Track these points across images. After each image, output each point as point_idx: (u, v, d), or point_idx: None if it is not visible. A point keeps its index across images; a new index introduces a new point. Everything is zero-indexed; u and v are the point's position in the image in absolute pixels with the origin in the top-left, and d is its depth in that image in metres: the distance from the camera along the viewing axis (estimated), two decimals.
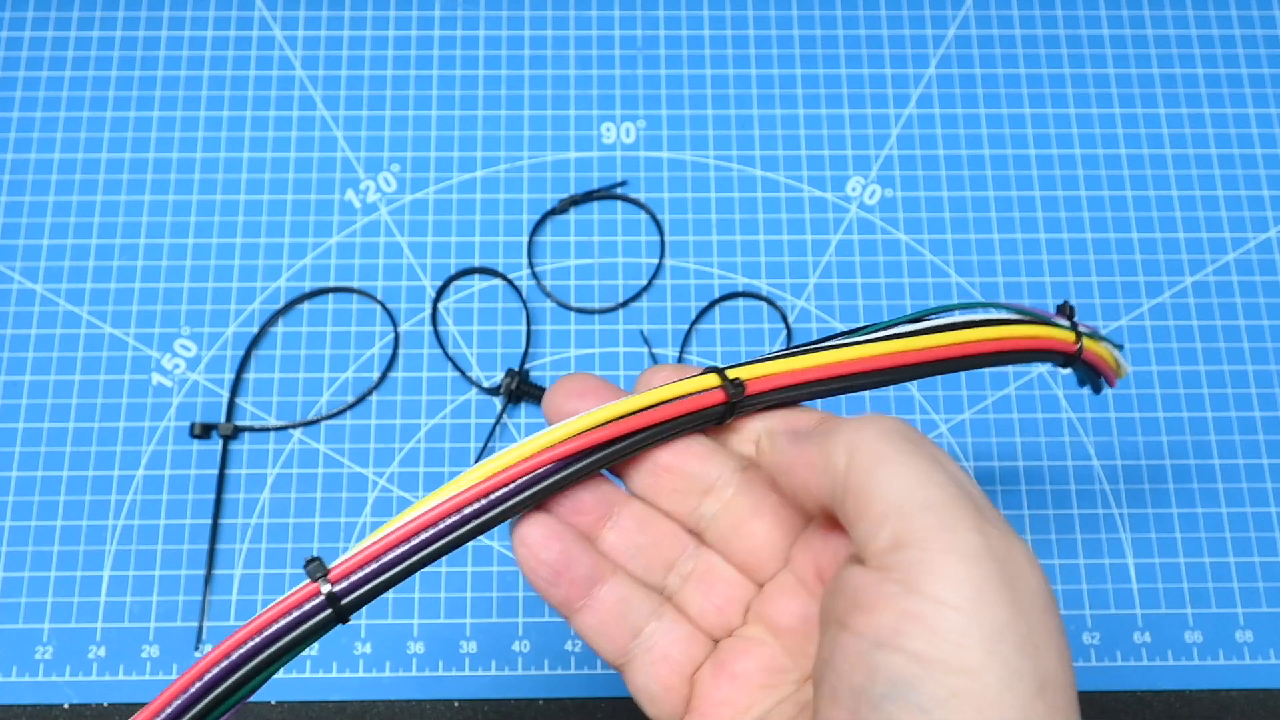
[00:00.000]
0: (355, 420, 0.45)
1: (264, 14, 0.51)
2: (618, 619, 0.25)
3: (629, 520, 0.25)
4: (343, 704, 0.42)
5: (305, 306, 0.47)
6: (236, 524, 0.44)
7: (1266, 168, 0.49)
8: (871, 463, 0.20)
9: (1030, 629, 0.18)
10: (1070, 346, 0.28)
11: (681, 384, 0.24)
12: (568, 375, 0.25)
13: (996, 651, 0.18)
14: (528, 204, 0.48)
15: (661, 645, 0.25)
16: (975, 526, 0.19)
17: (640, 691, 0.25)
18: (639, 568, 0.25)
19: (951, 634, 0.18)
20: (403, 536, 0.23)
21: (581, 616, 0.25)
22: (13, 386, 0.45)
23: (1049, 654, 0.19)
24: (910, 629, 0.18)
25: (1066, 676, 0.19)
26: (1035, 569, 0.19)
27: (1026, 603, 0.19)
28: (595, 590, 0.24)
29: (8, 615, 0.42)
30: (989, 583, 0.18)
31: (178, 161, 0.49)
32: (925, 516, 0.19)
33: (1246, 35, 0.51)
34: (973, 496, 0.20)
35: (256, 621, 0.22)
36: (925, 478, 0.20)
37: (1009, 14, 0.52)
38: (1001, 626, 0.18)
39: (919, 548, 0.19)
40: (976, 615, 0.18)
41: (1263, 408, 0.46)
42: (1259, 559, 0.44)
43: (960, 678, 0.18)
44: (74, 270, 0.47)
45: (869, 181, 0.49)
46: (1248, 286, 0.48)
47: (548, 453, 0.23)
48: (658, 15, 0.51)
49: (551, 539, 0.24)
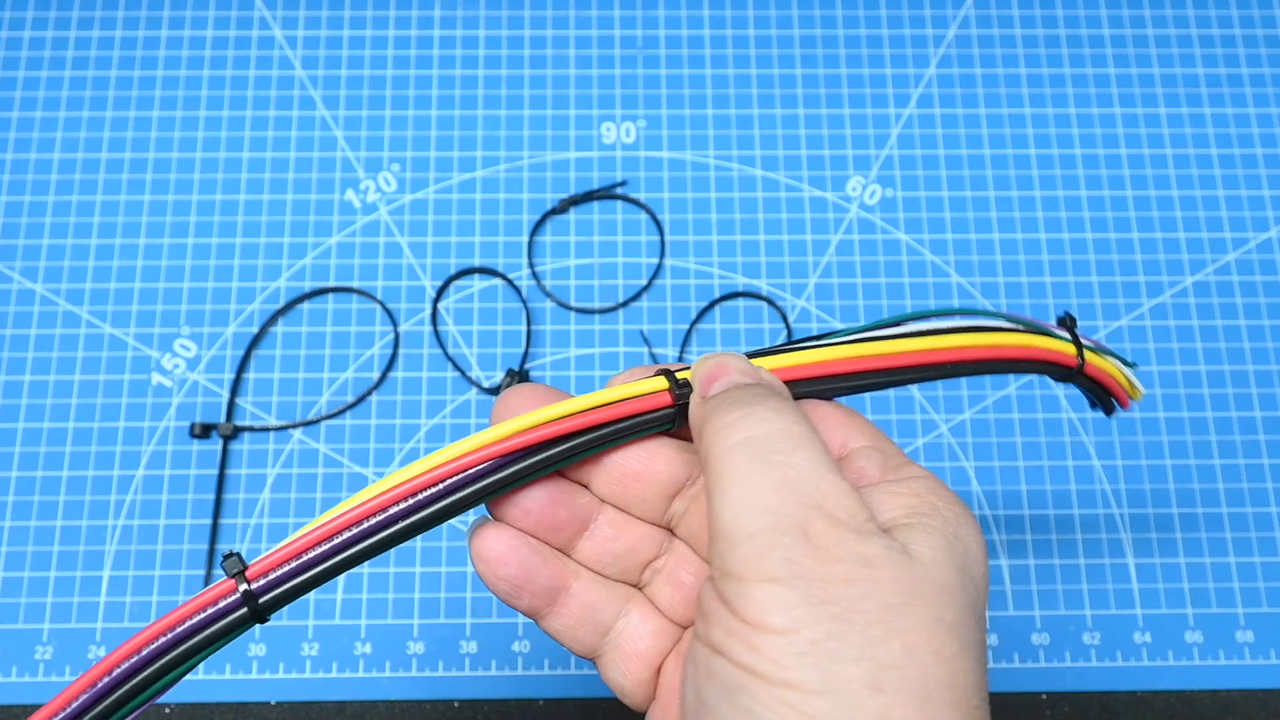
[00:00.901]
0: (355, 420, 0.45)
1: (264, 14, 0.51)
2: (585, 621, 0.25)
3: (605, 528, 0.25)
4: (343, 704, 0.42)
5: (305, 306, 0.47)
6: (236, 524, 0.44)
7: (1267, 167, 0.49)
8: (714, 479, 0.21)
9: (851, 633, 0.19)
10: (1069, 359, 0.26)
11: (628, 386, 0.24)
12: (515, 387, 0.25)
13: (812, 663, 0.19)
14: (528, 204, 0.48)
15: (630, 643, 0.25)
16: (785, 556, 0.20)
17: (612, 684, 0.26)
18: (616, 571, 0.26)
19: (769, 651, 0.19)
20: (325, 534, 0.22)
21: (548, 621, 0.25)
22: (13, 386, 0.45)
23: (886, 650, 0.19)
24: (733, 643, 0.20)
25: (918, 667, 0.19)
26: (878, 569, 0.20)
27: (853, 608, 0.19)
28: (560, 597, 0.25)
29: (8, 615, 0.42)
30: (799, 605, 0.19)
31: (178, 161, 0.49)
32: (745, 548, 0.20)
33: (1247, 35, 0.51)
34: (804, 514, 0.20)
35: (167, 618, 0.21)
36: (751, 503, 0.21)
37: (1009, 14, 0.52)
38: (811, 642, 0.19)
39: (738, 579, 0.20)
40: (788, 634, 0.19)
41: (1263, 408, 0.46)
42: (1259, 559, 0.44)
43: (782, 689, 0.19)
44: (74, 270, 0.47)
45: (869, 181, 0.49)
46: (1248, 286, 0.48)
47: (485, 451, 0.23)
48: (658, 15, 0.51)
49: (510, 554, 0.24)
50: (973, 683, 0.20)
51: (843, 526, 0.20)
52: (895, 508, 0.22)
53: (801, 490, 0.21)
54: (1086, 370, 0.27)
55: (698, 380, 0.24)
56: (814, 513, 0.20)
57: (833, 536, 0.20)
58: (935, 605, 0.20)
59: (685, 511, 0.25)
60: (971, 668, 0.20)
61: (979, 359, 0.25)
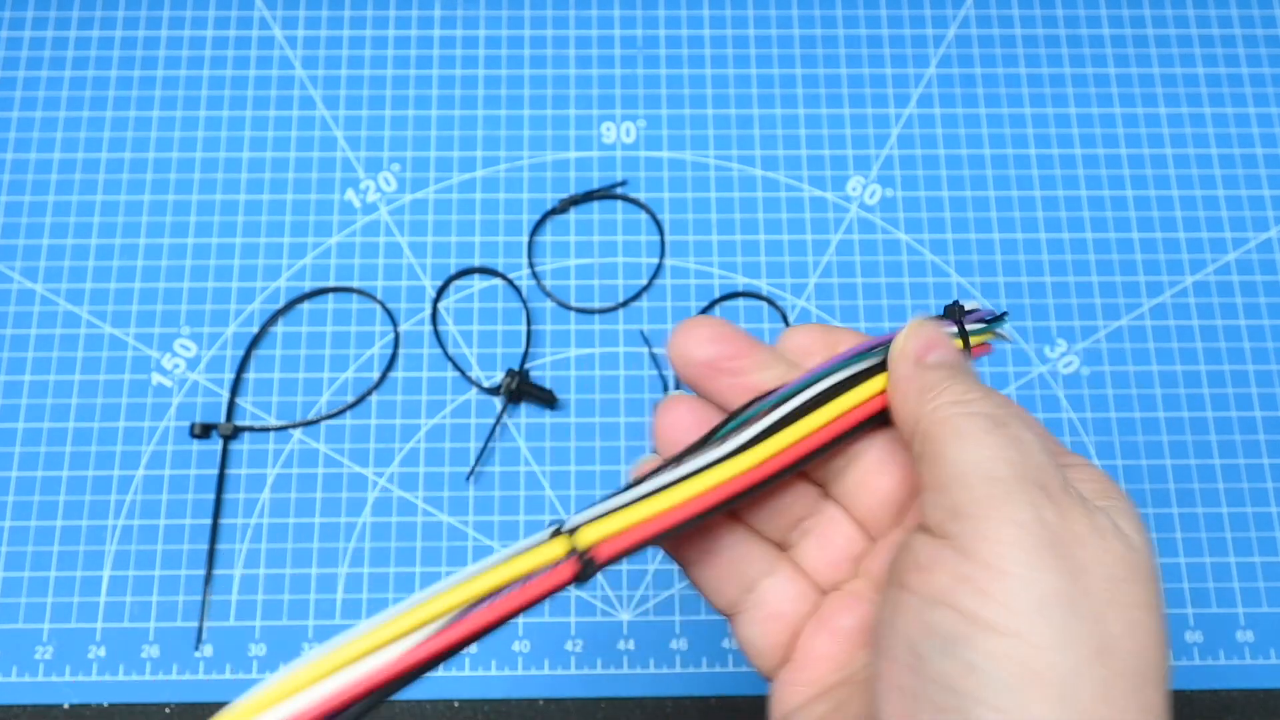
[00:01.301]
0: (355, 420, 0.45)
1: (264, 14, 0.51)
2: (732, 575, 0.25)
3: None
4: None
5: (305, 306, 0.47)
6: (236, 524, 0.44)
7: (1267, 167, 0.49)
8: (949, 435, 0.21)
9: (1088, 595, 0.19)
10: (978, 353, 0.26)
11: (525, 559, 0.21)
12: (694, 319, 0.24)
13: (1046, 615, 0.19)
14: (528, 204, 0.48)
15: (773, 602, 0.25)
16: (1030, 501, 0.20)
17: (746, 643, 0.25)
18: (767, 527, 0.25)
19: (1000, 596, 0.19)
20: None
21: (696, 569, 0.25)
22: (13, 386, 0.45)
23: (1113, 621, 0.19)
24: (962, 589, 0.19)
25: (1137, 644, 0.19)
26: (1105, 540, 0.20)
27: (1085, 571, 0.19)
28: (711, 544, 0.25)
29: (8, 615, 0.42)
30: (1040, 550, 0.19)
31: (178, 161, 0.49)
32: (984, 489, 0.20)
33: (1247, 35, 0.51)
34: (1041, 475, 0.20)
35: None
36: (993, 454, 0.21)
37: (1009, 14, 0.52)
38: (1051, 592, 0.19)
39: (976, 518, 0.20)
40: (1026, 580, 0.19)
41: (1263, 408, 0.46)
42: (1259, 559, 0.44)
43: (1009, 639, 0.19)
44: (74, 270, 0.47)
45: (869, 181, 0.49)
46: (1248, 286, 0.48)
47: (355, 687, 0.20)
48: (658, 15, 0.51)
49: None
50: (1168, 667, 0.20)
51: (1070, 494, 0.20)
52: (1088, 493, 0.22)
53: (1036, 457, 0.21)
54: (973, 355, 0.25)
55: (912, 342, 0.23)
56: (1052, 477, 0.20)
57: (1067, 501, 0.20)
58: (1151, 587, 0.20)
59: (844, 470, 0.25)
60: (1167, 653, 0.20)
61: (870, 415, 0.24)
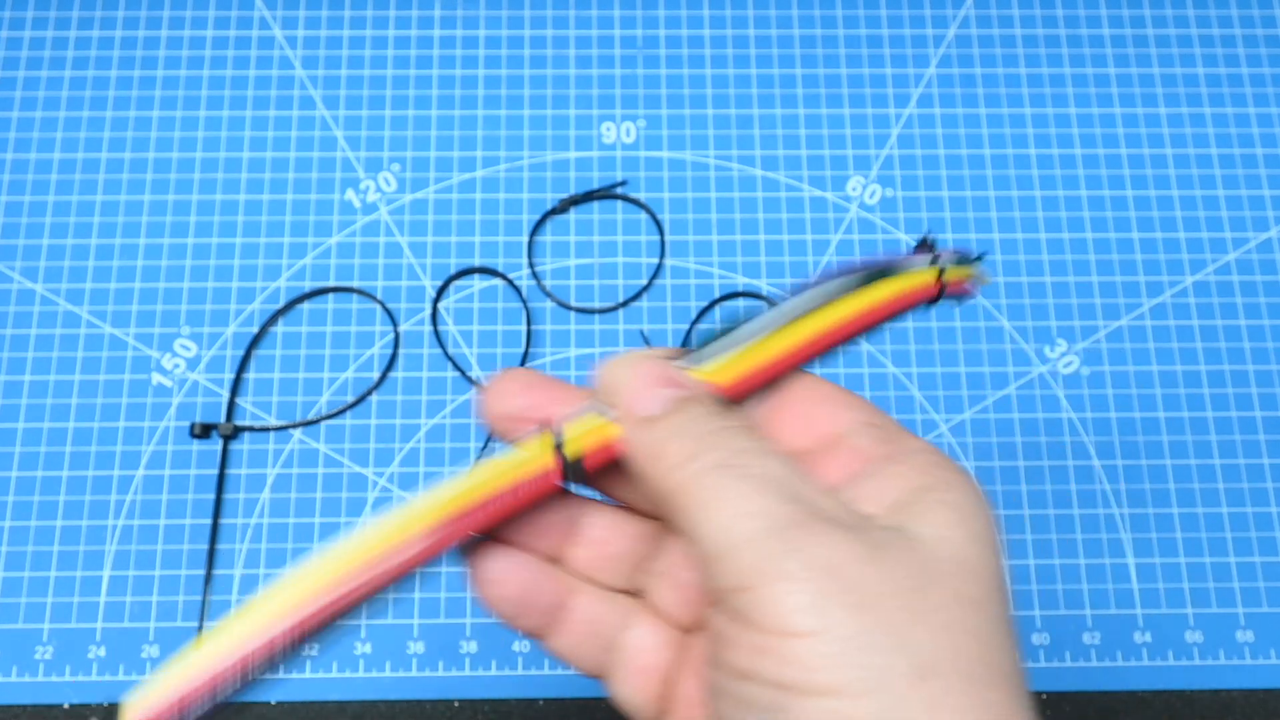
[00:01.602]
0: (355, 420, 0.45)
1: (264, 14, 0.51)
2: (590, 638, 0.24)
3: (598, 531, 0.24)
4: (343, 704, 0.42)
5: (305, 306, 0.47)
6: (236, 524, 0.44)
7: (1267, 167, 0.49)
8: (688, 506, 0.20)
9: (885, 622, 0.18)
10: (932, 291, 0.25)
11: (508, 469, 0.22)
12: (505, 371, 0.23)
13: (850, 662, 0.18)
14: (528, 204, 0.48)
15: (639, 657, 0.24)
16: (793, 549, 0.19)
17: (623, 701, 0.24)
18: (610, 577, 0.24)
19: (801, 660, 0.18)
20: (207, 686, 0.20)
21: (552, 641, 0.24)
22: (13, 386, 0.45)
23: (921, 634, 0.18)
24: (762, 662, 0.18)
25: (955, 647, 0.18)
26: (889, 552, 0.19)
27: (875, 597, 0.18)
28: (562, 615, 0.24)
29: (8, 615, 0.42)
30: (821, 598, 0.18)
31: (178, 161, 0.49)
32: (745, 557, 0.19)
33: (1247, 35, 0.51)
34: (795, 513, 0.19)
35: None
36: (739, 510, 0.19)
37: (1009, 14, 0.52)
38: (846, 637, 0.18)
39: (749, 589, 0.19)
40: (818, 636, 0.18)
41: (1263, 408, 0.46)
42: (1260, 559, 0.44)
43: (822, 698, 0.18)
44: (74, 270, 0.47)
45: (869, 181, 0.49)
46: (1248, 286, 0.48)
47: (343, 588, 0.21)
48: (658, 15, 0.51)
49: (510, 575, 0.23)
50: (1011, 658, 0.19)
51: (833, 519, 0.19)
52: (899, 488, 0.21)
53: (784, 490, 0.20)
54: (949, 291, 0.26)
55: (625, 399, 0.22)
56: (805, 507, 0.19)
57: (828, 528, 0.19)
58: (954, 583, 0.19)
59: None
60: (1007, 643, 0.19)
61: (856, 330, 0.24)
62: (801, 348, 0.23)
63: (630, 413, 0.22)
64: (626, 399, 0.22)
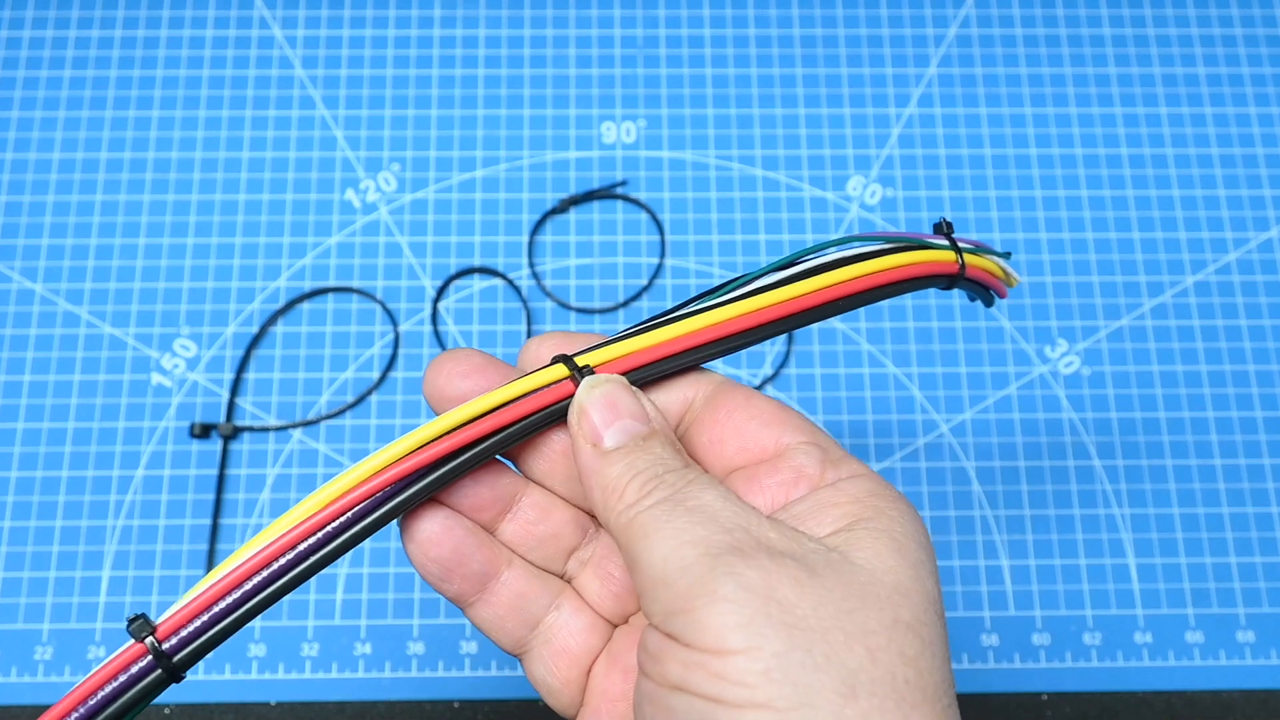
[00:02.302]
0: (355, 420, 0.45)
1: (264, 14, 0.51)
2: (515, 612, 0.24)
3: (530, 510, 0.25)
4: (343, 704, 0.42)
5: (305, 306, 0.47)
6: (236, 524, 0.44)
7: (1267, 167, 0.49)
8: (633, 539, 0.21)
9: (817, 643, 0.19)
10: (952, 266, 0.26)
11: (527, 379, 0.23)
12: (448, 352, 0.24)
13: (781, 678, 0.18)
14: (528, 204, 0.48)
15: (560, 638, 0.24)
16: (728, 572, 0.19)
17: (538, 683, 0.25)
18: (539, 557, 0.25)
19: (732, 674, 0.19)
20: (234, 583, 0.21)
21: (476, 610, 0.24)
22: (13, 386, 0.45)
23: (853, 656, 0.19)
24: (694, 676, 0.19)
25: (885, 670, 0.19)
26: (823, 577, 0.20)
27: (807, 619, 0.19)
28: (490, 584, 0.24)
29: (8, 615, 0.42)
30: (755, 618, 0.19)
31: (178, 161, 0.49)
32: (684, 579, 0.20)
33: (1247, 35, 0.51)
34: (732, 539, 0.20)
35: (79, 690, 0.20)
36: (680, 539, 0.20)
37: (1009, 14, 0.52)
38: (779, 653, 0.19)
39: (686, 612, 0.19)
40: (750, 653, 0.19)
41: (1263, 407, 0.46)
42: (1260, 559, 0.44)
43: (752, 711, 0.18)
44: (74, 270, 0.47)
45: (869, 181, 0.49)
46: (1248, 286, 0.48)
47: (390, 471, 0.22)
48: (658, 15, 0.51)
49: (443, 535, 0.23)
50: (940, 680, 0.20)
51: (772, 546, 0.20)
52: (837, 517, 0.22)
53: (723, 521, 0.20)
54: (968, 274, 0.26)
55: (585, 422, 0.23)
56: (742, 535, 0.20)
57: (767, 553, 0.20)
58: (890, 607, 0.20)
59: None
60: (938, 665, 0.20)
61: (862, 289, 0.24)
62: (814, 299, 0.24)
63: (590, 440, 0.22)
64: (590, 426, 0.23)
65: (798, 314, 0.24)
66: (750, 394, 0.25)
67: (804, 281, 0.24)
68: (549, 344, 0.25)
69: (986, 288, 0.27)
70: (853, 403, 0.46)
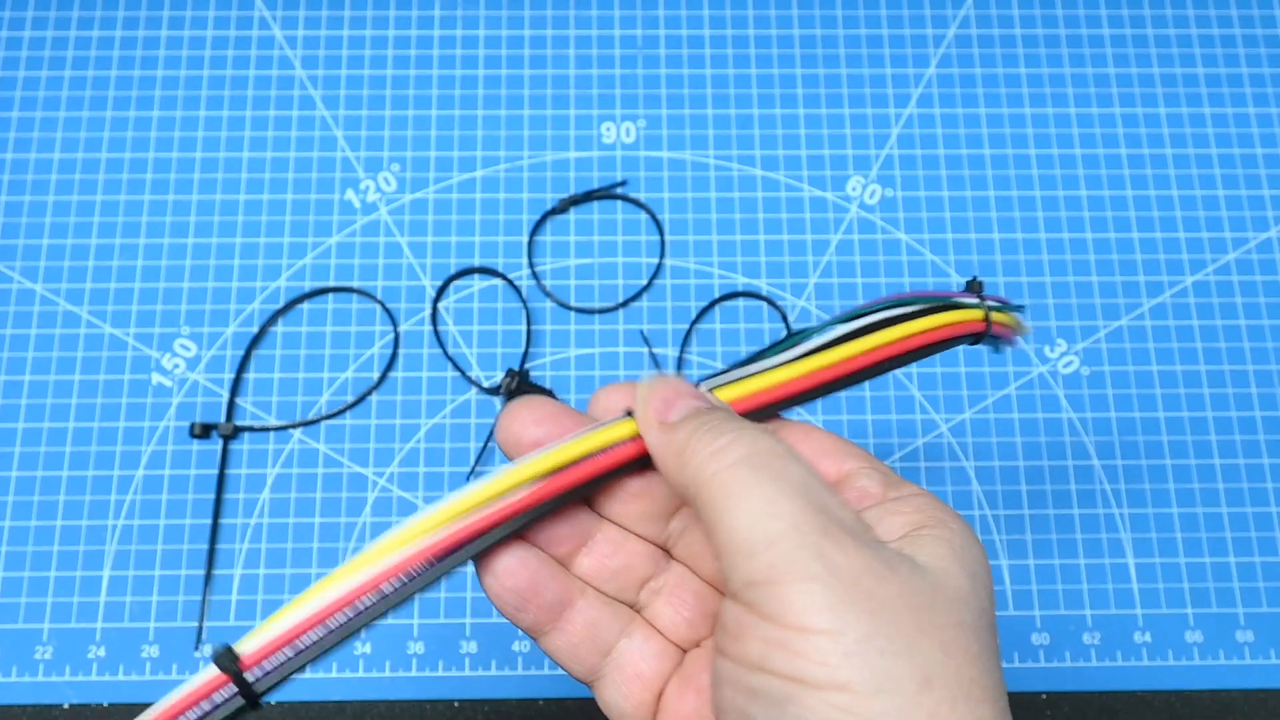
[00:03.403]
0: (355, 420, 0.45)
1: (264, 14, 0.51)
2: (588, 640, 0.25)
3: (604, 545, 0.25)
4: (343, 704, 0.42)
5: (305, 306, 0.47)
6: (236, 524, 0.44)
7: (1267, 167, 0.49)
8: (717, 496, 0.21)
9: (896, 631, 0.19)
10: (980, 326, 0.27)
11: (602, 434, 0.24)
12: (522, 399, 0.25)
13: (862, 661, 0.19)
14: (528, 204, 0.48)
15: (633, 663, 0.25)
16: (816, 552, 0.20)
17: (610, 708, 0.25)
18: (613, 589, 0.25)
19: (814, 655, 0.19)
20: (320, 618, 0.22)
21: (550, 639, 0.25)
22: (13, 386, 0.45)
23: (927, 649, 0.19)
24: (775, 654, 0.20)
25: (955, 664, 0.20)
26: (898, 572, 0.20)
27: (888, 607, 0.20)
28: (565, 614, 0.25)
29: (8, 615, 0.42)
30: (840, 599, 0.19)
31: (178, 161, 0.49)
32: (772, 552, 0.20)
33: (1247, 35, 0.51)
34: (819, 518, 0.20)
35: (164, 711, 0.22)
36: (767, 509, 0.20)
37: (1009, 14, 0.52)
38: (861, 637, 0.19)
39: (769, 583, 0.20)
40: (833, 634, 0.19)
41: (1263, 407, 0.46)
42: (1259, 559, 0.44)
43: (833, 693, 0.19)
44: (74, 270, 0.47)
45: (869, 181, 0.49)
46: (1248, 286, 0.48)
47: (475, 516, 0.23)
48: (658, 15, 0.51)
49: (518, 566, 0.24)
50: (999, 682, 0.20)
51: (853, 532, 0.21)
52: (901, 525, 0.22)
53: (811, 497, 0.21)
54: (994, 331, 0.28)
55: (649, 407, 0.23)
56: (829, 516, 0.21)
57: (850, 538, 0.20)
58: (955, 609, 0.20)
59: (683, 532, 0.25)
60: (995, 668, 0.21)
61: (900, 354, 0.26)
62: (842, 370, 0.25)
63: (652, 420, 0.23)
64: (651, 409, 0.23)
65: (849, 375, 0.25)
66: (809, 428, 0.26)
67: (855, 343, 0.25)
68: (618, 395, 0.25)
69: (1004, 339, 0.29)
70: (852, 403, 0.46)
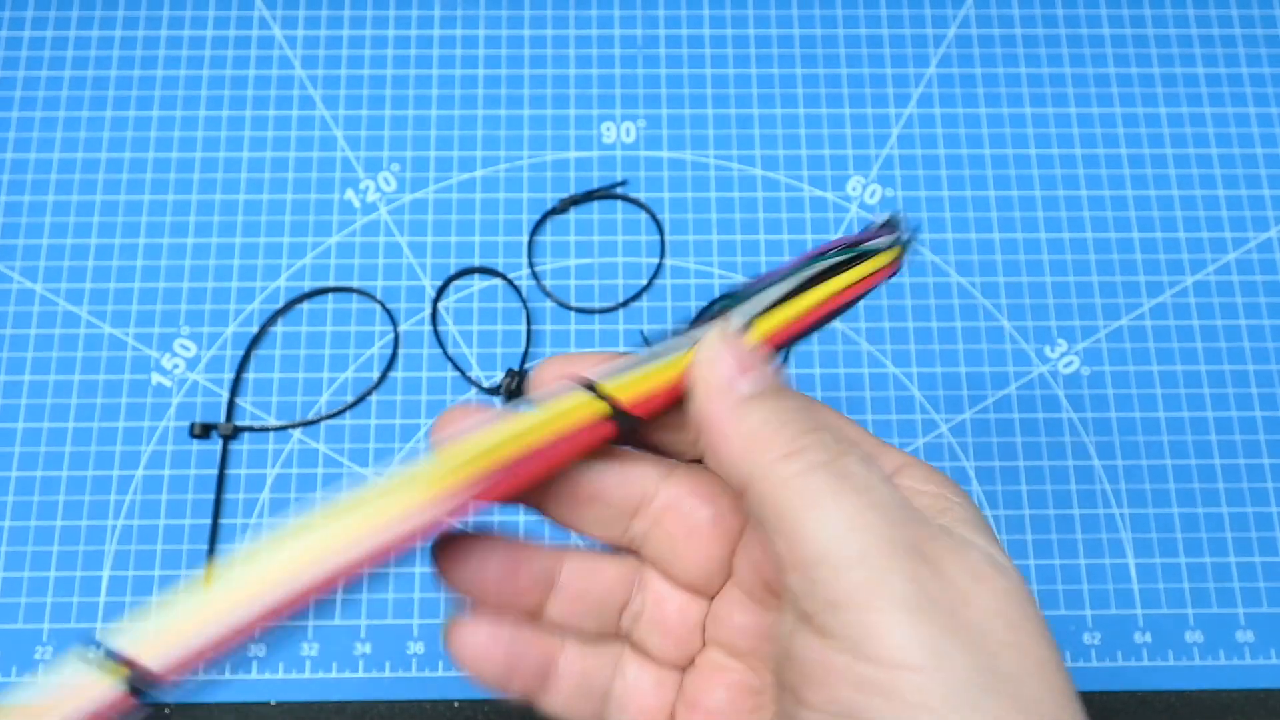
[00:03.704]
0: (355, 420, 0.45)
1: (264, 14, 0.51)
2: (582, 693, 0.24)
3: (575, 580, 0.23)
4: (343, 704, 0.42)
5: (305, 306, 0.47)
6: (236, 524, 0.44)
7: (1267, 167, 0.49)
8: (793, 500, 0.19)
9: (995, 661, 0.17)
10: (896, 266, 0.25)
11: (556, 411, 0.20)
12: (454, 409, 0.22)
13: (963, 700, 0.17)
14: (528, 204, 0.48)
15: (635, 700, 0.24)
16: (909, 573, 0.18)
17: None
18: (594, 625, 0.24)
19: (913, 696, 0.17)
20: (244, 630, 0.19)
21: (545, 701, 0.24)
22: (13, 386, 0.45)
23: (1012, 665, 0.18)
24: (870, 701, 0.17)
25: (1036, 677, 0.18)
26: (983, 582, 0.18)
27: (980, 631, 0.18)
28: (550, 673, 0.23)
29: (8, 615, 0.42)
30: (936, 631, 0.17)
31: (178, 161, 0.49)
32: (857, 573, 0.18)
33: (1247, 35, 0.51)
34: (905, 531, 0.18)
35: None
36: (853, 522, 0.18)
37: (1009, 14, 0.52)
38: (963, 674, 0.17)
39: (857, 608, 0.18)
40: (933, 671, 0.17)
41: (1263, 407, 0.46)
42: (1260, 559, 0.44)
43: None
44: (74, 270, 0.47)
45: (869, 181, 0.49)
46: (1248, 286, 0.48)
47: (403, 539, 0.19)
48: (658, 15, 0.51)
49: (490, 644, 0.23)
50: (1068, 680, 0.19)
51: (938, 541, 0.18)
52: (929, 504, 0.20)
53: (897, 514, 0.19)
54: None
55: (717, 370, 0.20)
56: (914, 534, 0.18)
57: (938, 553, 0.18)
58: (1028, 606, 0.18)
59: (648, 532, 0.23)
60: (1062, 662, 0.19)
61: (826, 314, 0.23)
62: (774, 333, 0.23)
63: (723, 389, 0.20)
64: (725, 371, 0.20)
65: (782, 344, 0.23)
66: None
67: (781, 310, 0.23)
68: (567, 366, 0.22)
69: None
70: (852, 403, 0.46)
